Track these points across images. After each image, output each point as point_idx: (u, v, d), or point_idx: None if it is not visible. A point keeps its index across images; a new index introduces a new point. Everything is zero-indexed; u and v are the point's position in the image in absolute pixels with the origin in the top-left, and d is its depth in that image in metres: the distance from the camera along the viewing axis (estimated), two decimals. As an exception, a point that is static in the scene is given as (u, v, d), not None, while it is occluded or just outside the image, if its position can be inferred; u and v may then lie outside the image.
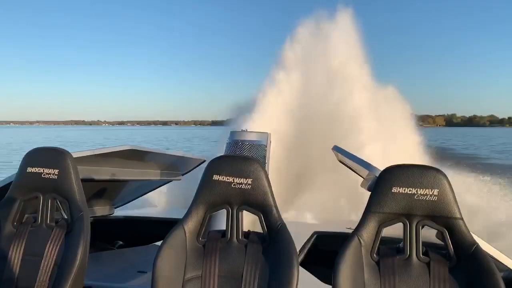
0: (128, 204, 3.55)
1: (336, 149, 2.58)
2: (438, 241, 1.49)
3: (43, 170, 1.84)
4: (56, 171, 1.83)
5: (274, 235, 1.58)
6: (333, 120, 8.10)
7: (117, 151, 2.47)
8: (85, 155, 2.31)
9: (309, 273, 2.54)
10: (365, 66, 9.38)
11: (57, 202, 1.86)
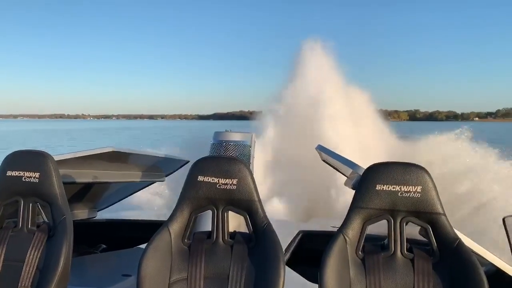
0: (112, 206, 3.50)
1: (320, 148, 2.59)
2: (422, 238, 1.51)
3: (24, 174, 1.80)
4: (37, 175, 1.79)
5: (260, 235, 1.58)
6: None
7: (99, 153, 2.44)
8: (66, 157, 2.27)
9: (295, 272, 2.55)
10: (338, 78, 10.99)
11: (38, 206, 1.82)
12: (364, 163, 1.69)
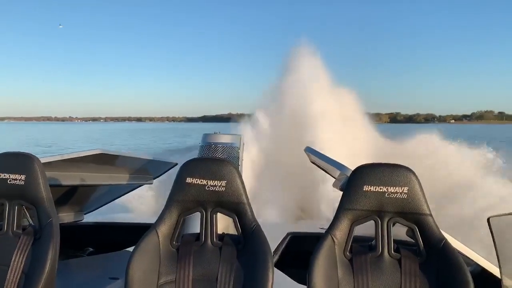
0: (99, 209, 3.47)
1: (309, 150, 2.61)
2: (409, 239, 1.53)
3: (9, 176, 1.78)
4: (23, 177, 1.77)
5: (249, 236, 1.58)
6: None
7: (87, 156, 2.42)
8: (53, 160, 2.25)
9: (283, 274, 2.55)
10: (326, 80, 11.06)
11: (24, 208, 1.80)
12: (352, 164, 1.70)
